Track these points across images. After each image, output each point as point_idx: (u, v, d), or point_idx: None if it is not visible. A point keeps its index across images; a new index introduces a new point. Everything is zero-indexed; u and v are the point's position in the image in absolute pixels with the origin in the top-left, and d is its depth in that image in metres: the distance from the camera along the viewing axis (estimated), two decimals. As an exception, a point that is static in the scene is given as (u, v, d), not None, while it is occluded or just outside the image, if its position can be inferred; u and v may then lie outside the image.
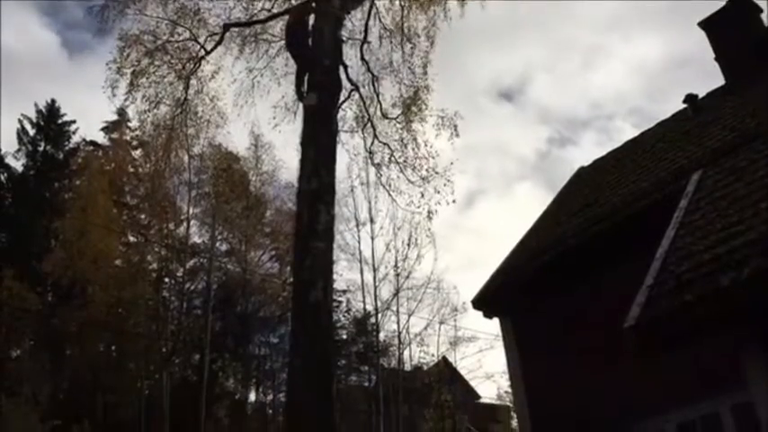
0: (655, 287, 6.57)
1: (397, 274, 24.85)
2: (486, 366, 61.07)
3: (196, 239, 27.71)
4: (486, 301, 11.30)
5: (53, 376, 18.43)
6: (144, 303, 21.44)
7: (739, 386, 7.46)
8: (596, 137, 66.14)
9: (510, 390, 10.63)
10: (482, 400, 37.61)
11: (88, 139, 30.06)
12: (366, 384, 28.27)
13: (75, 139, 31.04)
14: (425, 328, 27.70)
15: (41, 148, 30.61)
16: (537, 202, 55.06)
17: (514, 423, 26.60)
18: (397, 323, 27.88)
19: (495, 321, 11.32)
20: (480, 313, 11.42)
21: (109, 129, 29.56)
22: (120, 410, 20.02)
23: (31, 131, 31.01)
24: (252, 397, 28.59)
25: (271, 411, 27.11)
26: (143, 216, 25.30)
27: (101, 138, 30.09)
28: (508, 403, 28.96)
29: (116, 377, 20.23)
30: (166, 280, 23.92)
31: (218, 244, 28.21)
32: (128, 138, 27.63)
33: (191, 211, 25.74)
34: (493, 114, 53.54)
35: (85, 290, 21.29)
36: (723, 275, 5.84)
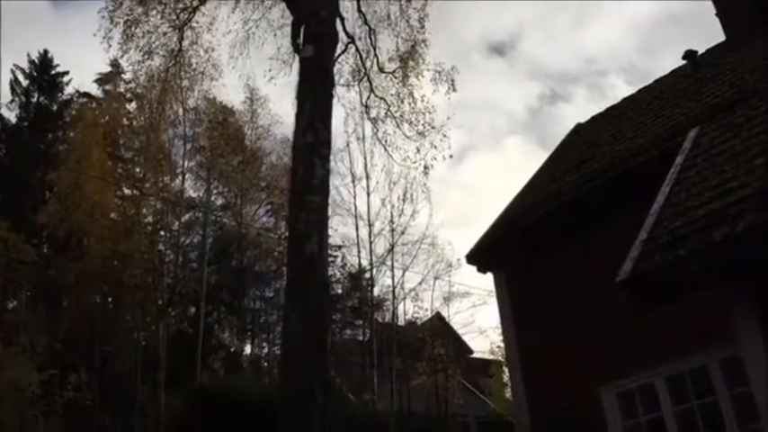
0: (648, 242, 6.61)
1: (393, 230, 24.95)
2: (479, 322, 61.81)
3: (191, 193, 27.73)
4: (481, 256, 11.37)
5: (50, 327, 18.58)
6: (140, 256, 21.51)
7: (728, 340, 7.58)
8: (588, 93, 65.79)
9: (502, 345, 10.77)
10: (474, 355, 38.13)
11: (82, 90, 29.79)
12: (360, 338, 28.61)
13: (69, 90, 30.79)
14: (420, 284, 27.93)
15: (35, 100, 30.35)
16: (528, 159, 54.74)
17: (506, 378, 27.01)
18: (392, 278, 28.04)
19: (489, 277, 11.41)
20: (474, 268, 11.50)
21: (102, 80, 29.24)
22: (116, 361, 20.24)
23: (24, 82, 30.71)
24: (247, 350, 28.96)
25: (266, 364, 27.46)
26: (138, 169, 25.20)
27: (94, 89, 29.84)
28: (500, 358, 29.37)
29: (113, 328, 20.39)
30: (162, 233, 23.99)
31: (213, 198, 28.23)
32: (122, 90, 27.37)
33: (186, 164, 25.68)
34: (484, 70, 53.09)
35: (81, 242, 21.32)
36: (716, 231, 5.88)
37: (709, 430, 8.09)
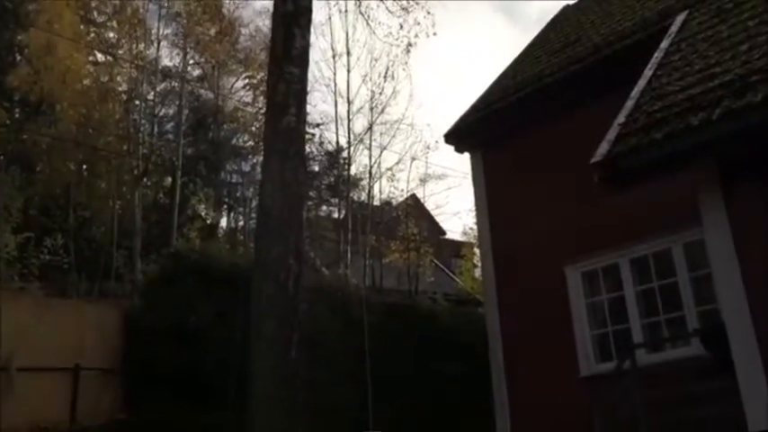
0: (625, 125, 6.66)
1: (372, 108, 24.67)
2: (454, 204, 62.68)
3: (167, 62, 26.96)
4: (459, 136, 11.40)
5: (24, 191, 18.49)
6: (114, 124, 21.19)
7: (692, 226, 7.81)
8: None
9: (475, 226, 10.99)
10: (447, 237, 38.89)
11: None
12: (336, 216, 28.93)
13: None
14: (397, 164, 28.00)
15: (1, -45, 28.76)
16: (500, 34, 52.81)
17: (476, 258, 27.73)
18: (369, 158, 27.98)
19: (466, 158, 11.49)
20: (452, 148, 11.55)
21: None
22: (92, 227, 20.32)
23: (-11, -66, 28.98)
24: (223, 223, 29.21)
25: (242, 237, 27.76)
26: (111, 34, 24.30)
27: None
28: (472, 240, 30.01)
29: (88, 195, 20.35)
30: (137, 102, 23.47)
31: (189, 68, 27.51)
32: (93, -54, 25.96)
33: (161, 31, 24.81)
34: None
35: (54, 107, 20.87)
36: (694, 116, 5.92)
37: (668, 310, 8.49)
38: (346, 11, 24.12)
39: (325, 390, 12.78)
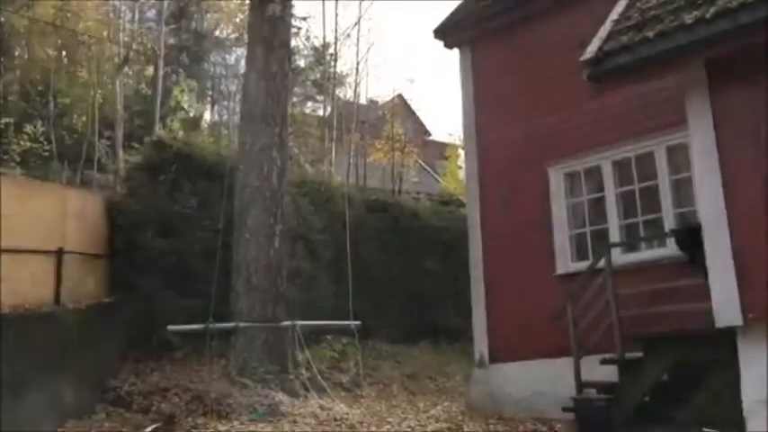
0: (618, 22, 6.56)
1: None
2: (440, 105, 62.22)
3: (147, -56, 25.81)
4: (449, 31, 11.19)
5: (2, 76, 18.04)
6: (94, 8, 20.48)
7: (677, 130, 7.85)
8: None
9: (461, 127, 10.95)
10: (432, 138, 38.80)
11: None
12: (321, 113, 28.61)
13: None
14: (384, 62, 27.56)
15: None
16: None
17: (461, 160, 27.75)
18: (357, 54, 27.49)
19: (455, 54, 11.30)
20: (441, 43, 11.34)
21: None
22: (73, 117, 19.97)
23: None
24: (207, 116, 28.78)
25: (226, 131, 27.46)
26: None
27: None
28: (456, 141, 29.96)
29: (68, 83, 19.88)
30: (117, -13, 22.62)
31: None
32: None
33: None
34: None
35: (30, -11, 20.07)
36: (688, 14, 5.83)
37: (646, 211, 8.63)
38: None
39: (307, 281, 13.04)
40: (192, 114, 24.42)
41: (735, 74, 6.14)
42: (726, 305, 5.98)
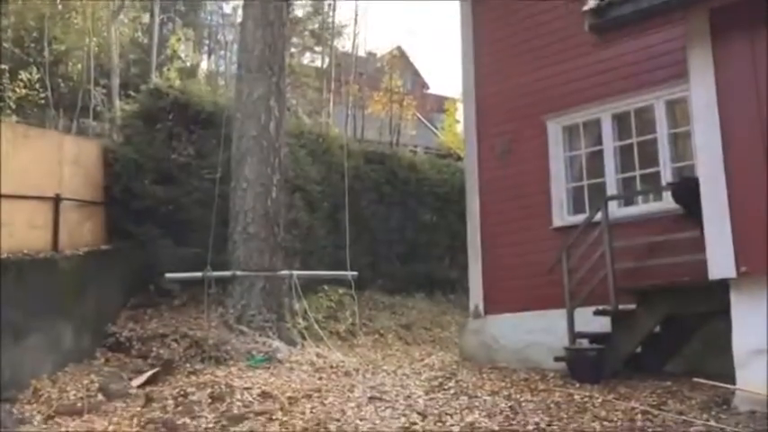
0: (623, -30, 6.45)
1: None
2: (439, 59, 61.64)
3: None
4: (450, -19, 10.99)
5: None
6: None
7: (677, 83, 7.82)
8: None
9: (461, 78, 10.82)
10: (430, 91, 38.55)
11: None
12: (319, 65, 28.33)
13: None
14: (383, 12, 27.15)
15: None
16: None
17: (459, 115, 27.60)
18: (355, 5, 27.05)
19: (456, 5, 11.14)
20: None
21: None
22: (68, 64, 19.75)
23: None
24: (203, 66, 28.47)
25: (222, 82, 27.22)
26: None
27: None
28: (456, 96, 29.76)
29: (63, 30, 19.59)
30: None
31: None
32: None
33: None
34: None
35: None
36: (693, -37, 5.75)
37: (644, 165, 8.64)
38: None
39: (305, 232, 13.10)
40: (188, 64, 24.17)
41: (738, 26, 6.08)
42: (720, 258, 6.03)
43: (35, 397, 8.17)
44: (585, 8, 6.32)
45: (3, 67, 15.55)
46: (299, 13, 28.36)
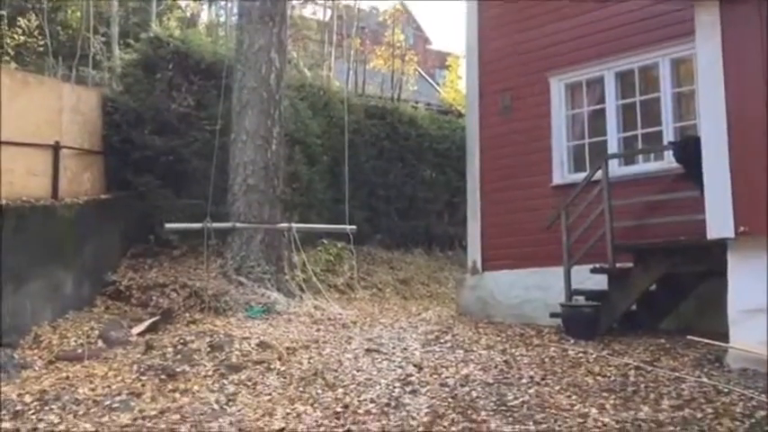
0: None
1: None
2: (442, 15, 60.91)
3: None
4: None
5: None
6: None
7: (683, 42, 7.74)
8: None
9: (464, 34, 10.68)
10: (433, 47, 38.10)
11: None
12: (320, 17, 27.97)
13: None
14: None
15: None
16: None
17: (462, 71, 27.33)
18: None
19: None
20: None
21: None
22: (67, 11, 19.49)
23: None
24: (204, 16, 28.08)
25: (223, 33, 26.91)
26: None
27: None
28: (457, 51, 29.44)
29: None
30: None
31: None
32: None
33: None
34: None
35: None
36: None
37: (646, 125, 8.60)
38: None
39: (305, 185, 13.09)
40: (188, 14, 23.84)
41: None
42: (718, 218, 6.06)
43: (36, 343, 8.28)
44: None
45: (1, 13, 15.32)
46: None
